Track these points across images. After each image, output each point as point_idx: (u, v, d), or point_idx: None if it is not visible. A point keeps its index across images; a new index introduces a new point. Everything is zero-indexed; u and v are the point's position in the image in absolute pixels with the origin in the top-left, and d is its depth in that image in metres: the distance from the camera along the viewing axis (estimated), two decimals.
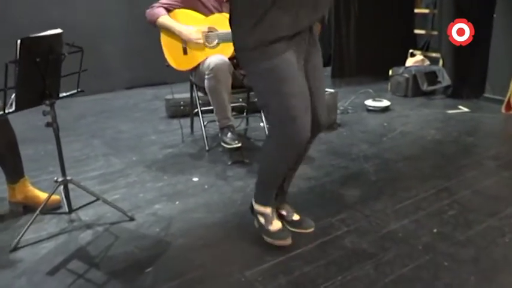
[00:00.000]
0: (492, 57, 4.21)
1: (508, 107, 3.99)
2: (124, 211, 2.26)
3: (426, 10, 5.43)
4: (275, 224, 2.01)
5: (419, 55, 5.04)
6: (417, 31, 5.55)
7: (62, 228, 2.17)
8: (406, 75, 4.61)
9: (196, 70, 3.02)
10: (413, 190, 2.49)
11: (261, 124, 3.47)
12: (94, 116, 4.16)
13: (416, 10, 5.51)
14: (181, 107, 3.93)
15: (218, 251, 1.99)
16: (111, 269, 1.84)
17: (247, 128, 3.62)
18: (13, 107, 1.88)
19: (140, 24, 3.75)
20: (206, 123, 3.23)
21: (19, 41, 1.77)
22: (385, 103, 4.12)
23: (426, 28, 5.53)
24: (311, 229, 2.10)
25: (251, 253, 1.94)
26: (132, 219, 2.24)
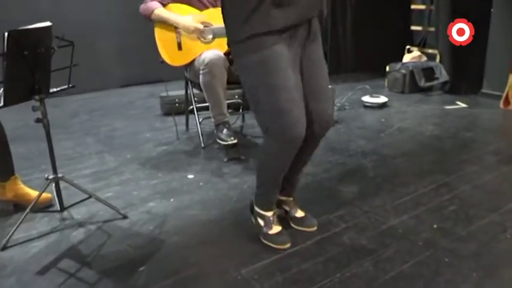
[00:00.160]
0: (490, 52, 4.18)
1: (506, 103, 3.96)
2: (117, 209, 2.20)
3: (423, 6, 5.38)
4: (275, 228, 1.96)
5: (416, 51, 5.00)
6: (414, 27, 5.51)
7: (54, 226, 2.12)
8: (403, 71, 4.57)
9: (191, 66, 2.97)
10: (412, 186, 2.45)
11: None
12: (88, 114, 4.10)
13: (412, 6, 5.46)
14: (176, 104, 3.88)
15: (213, 249, 1.94)
16: (103, 268, 1.79)
17: (243, 125, 3.56)
18: (1, 102, 1.82)
19: (135, 21, 3.69)
20: (201, 119, 3.18)
21: (6, 34, 1.71)
22: (383, 99, 4.08)
23: (423, 24, 5.49)
24: (313, 228, 2.03)
25: (247, 250, 1.89)
26: (126, 217, 2.18)
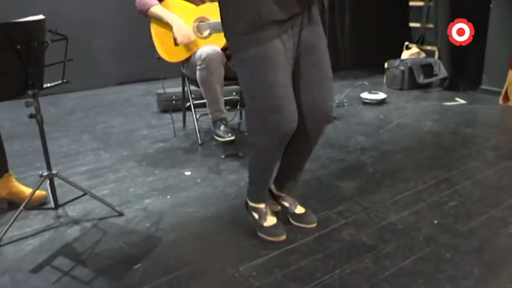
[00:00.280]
0: (489, 48, 4.15)
1: (506, 99, 3.93)
2: (113, 206, 2.17)
3: (421, 3, 5.35)
4: (269, 220, 1.94)
5: (415, 48, 4.97)
6: (412, 24, 5.48)
7: (48, 224, 2.08)
8: (402, 67, 4.54)
9: (187, 62, 2.93)
10: (412, 181, 2.42)
11: None
12: (84, 112, 4.07)
13: (411, 3, 5.43)
14: (173, 101, 3.84)
15: (211, 246, 1.91)
16: (98, 266, 1.75)
17: (240, 122, 3.53)
18: None
19: (132, 19, 3.67)
20: (198, 116, 3.14)
21: None
22: (381, 96, 4.05)
23: (421, 21, 5.46)
24: (313, 225, 2.00)
25: (245, 247, 1.86)
26: (121, 214, 2.15)
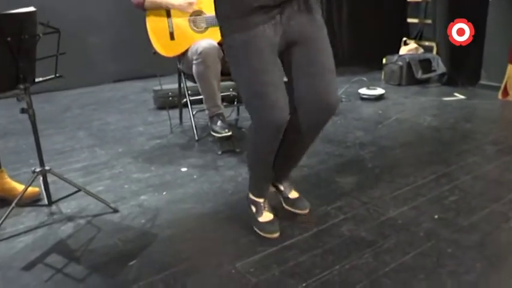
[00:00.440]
0: (488, 43, 4.12)
1: (505, 93, 3.90)
2: (107, 202, 2.13)
3: None
4: (265, 216, 1.91)
5: (413, 43, 4.94)
6: (410, 20, 5.45)
7: (41, 221, 2.04)
8: (400, 63, 4.51)
9: (184, 56, 2.89)
10: (411, 176, 2.39)
11: None
12: (80, 109, 4.02)
13: None
14: (169, 98, 3.80)
15: (207, 242, 1.87)
16: (92, 263, 1.71)
17: (238, 118, 3.49)
18: None
19: (128, 16, 3.63)
20: (195, 112, 3.10)
21: None
22: (380, 91, 4.02)
23: (419, 17, 5.42)
24: (305, 210, 1.99)
25: (242, 243, 1.82)
26: (116, 210, 2.11)
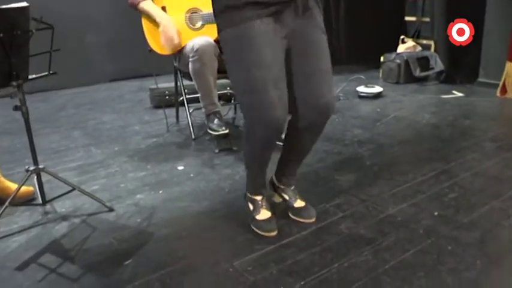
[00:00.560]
0: (486, 41, 4.10)
1: (503, 91, 3.89)
2: (103, 201, 2.10)
3: None
4: (263, 214, 1.88)
5: (410, 41, 4.92)
6: (408, 18, 5.43)
7: (35, 220, 2.01)
8: (398, 61, 4.49)
9: (180, 54, 2.86)
10: (410, 174, 2.36)
11: None
12: (75, 108, 3.99)
13: None
14: (166, 97, 3.77)
15: (204, 241, 1.84)
16: (86, 263, 1.68)
17: (235, 117, 3.46)
18: None
19: (124, 15, 3.59)
20: (192, 111, 3.07)
21: None
22: (378, 89, 4.00)
23: (417, 15, 5.41)
24: (311, 219, 1.93)
25: (240, 242, 1.79)
26: (112, 209, 2.08)
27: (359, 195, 2.15)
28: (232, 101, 3.55)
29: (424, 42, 5.02)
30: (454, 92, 4.05)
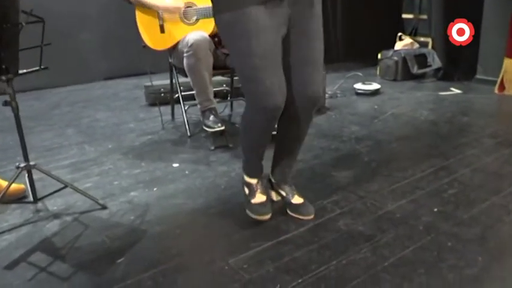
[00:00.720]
0: (484, 38, 4.08)
1: (502, 88, 3.87)
2: (95, 199, 2.05)
3: None
4: (258, 197, 1.86)
5: (408, 38, 4.89)
6: (405, 15, 5.41)
7: (26, 218, 1.96)
8: (396, 58, 4.46)
9: (174, 50, 2.82)
10: (409, 170, 2.33)
11: None
12: (69, 106, 3.93)
13: None
14: (161, 94, 3.72)
15: (199, 238, 1.80)
16: (77, 261, 1.63)
17: (231, 114, 3.42)
18: None
19: (119, 13, 3.55)
20: (187, 107, 3.03)
21: None
22: (375, 86, 3.97)
23: (414, 12, 5.38)
24: (309, 216, 1.89)
25: (235, 239, 1.75)
26: (105, 207, 2.03)
27: (357, 191, 2.12)
28: (228, 98, 3.51)
29: (422, 39, 4.99)
30: (452, 89, 4.02)
